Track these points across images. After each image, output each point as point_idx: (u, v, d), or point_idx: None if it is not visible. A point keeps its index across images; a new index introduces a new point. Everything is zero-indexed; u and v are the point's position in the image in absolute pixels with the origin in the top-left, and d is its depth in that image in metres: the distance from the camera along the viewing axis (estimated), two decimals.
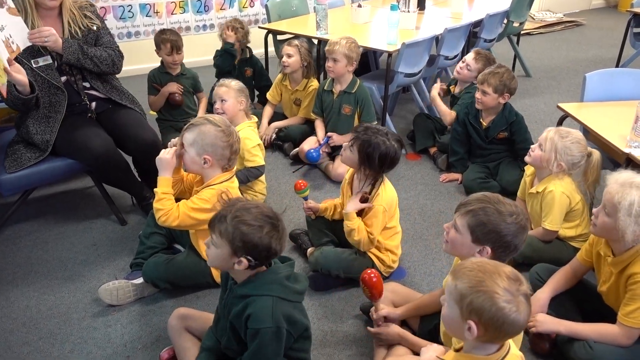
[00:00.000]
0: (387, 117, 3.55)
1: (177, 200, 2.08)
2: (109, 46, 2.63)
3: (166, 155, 2.03)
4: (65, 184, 3.09)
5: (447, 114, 3.28)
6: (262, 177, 2.88)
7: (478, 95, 2.94)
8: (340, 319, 2.14)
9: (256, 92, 3.98)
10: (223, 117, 2.11)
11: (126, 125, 2.63)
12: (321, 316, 2.15)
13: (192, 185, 2.20)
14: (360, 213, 2.20)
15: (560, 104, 2.59)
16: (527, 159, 2.40)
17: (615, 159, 2.37)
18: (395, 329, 1.86)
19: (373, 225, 2.16)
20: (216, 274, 2.18)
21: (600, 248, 1.86)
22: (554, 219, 2.31)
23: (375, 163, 2.11)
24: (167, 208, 2.01)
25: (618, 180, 1.69)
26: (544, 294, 1.98)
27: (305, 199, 2.43)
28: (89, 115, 2.62)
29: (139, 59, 2.90)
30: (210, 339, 1.75)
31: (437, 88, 3.40)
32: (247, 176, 2.73)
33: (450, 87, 3.45)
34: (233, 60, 3.73)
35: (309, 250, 2.41)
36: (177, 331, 1.84)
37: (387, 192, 2.18)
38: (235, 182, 2.14)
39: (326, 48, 3.17)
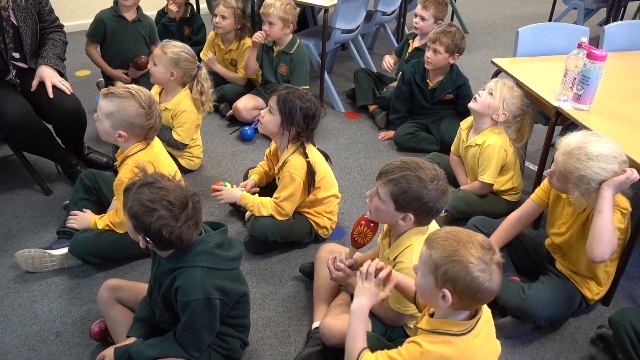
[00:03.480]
0: (326, 75, 3.48)
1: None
2: (59, 29, 2.60)
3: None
4: None
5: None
6: (199, 140, 2.77)
7: (429, 54, 2.85)
8: (280, 281, 2.12)
9: None
10: (149, 93, 1.97)
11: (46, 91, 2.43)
12: (260, 279, 2.12)
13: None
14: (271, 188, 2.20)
15: (494, 59, 2.61)
16: (471, 104, 2.40)
17: (546, 113, 2.42)
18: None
19: (281, 191, 2.11)
20: None
21: None
22: (491, 173, 2.37)
23: (298, 117, 2.06)
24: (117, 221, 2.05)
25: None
26: None
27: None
28: (8, 79, 2.40)
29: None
30: (144, 310, 1.68)
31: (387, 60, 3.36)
32: (169, 141, 2.62)
33: (410, 41, 3.34)
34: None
35: (247, 214, 2.35)
36: (108, 303, 1.75)
37: (297, 160, 2.11)
38: (155, 147, 2.03)
39: (261, 11, 3.04)
